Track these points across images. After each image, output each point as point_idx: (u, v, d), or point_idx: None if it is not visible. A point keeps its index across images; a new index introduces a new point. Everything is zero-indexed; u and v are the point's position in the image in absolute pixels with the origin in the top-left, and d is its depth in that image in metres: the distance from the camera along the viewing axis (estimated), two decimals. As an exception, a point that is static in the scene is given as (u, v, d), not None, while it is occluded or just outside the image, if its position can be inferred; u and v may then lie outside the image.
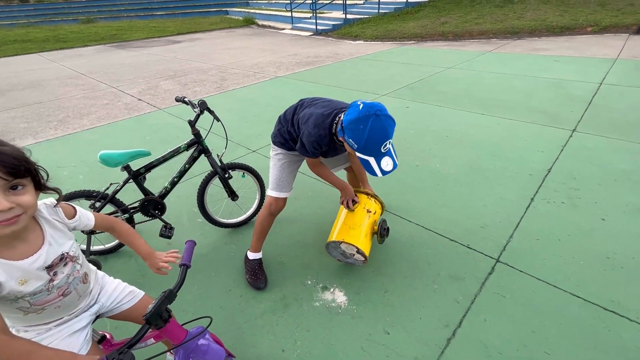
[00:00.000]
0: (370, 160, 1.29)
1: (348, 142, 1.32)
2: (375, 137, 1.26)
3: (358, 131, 1.26)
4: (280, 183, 1.70)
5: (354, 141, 1.29)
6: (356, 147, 1.29)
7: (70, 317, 0.96)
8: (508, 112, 3.72)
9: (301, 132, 1.49)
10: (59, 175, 2.92)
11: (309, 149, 1.48)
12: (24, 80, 6.85)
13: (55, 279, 0.88)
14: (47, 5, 22.51)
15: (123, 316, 1.09)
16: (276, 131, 1.72)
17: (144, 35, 13.25)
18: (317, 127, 1.43)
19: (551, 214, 2.11)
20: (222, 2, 22.78)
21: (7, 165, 0.72)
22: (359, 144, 1.28)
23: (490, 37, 8.70)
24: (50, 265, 0.86)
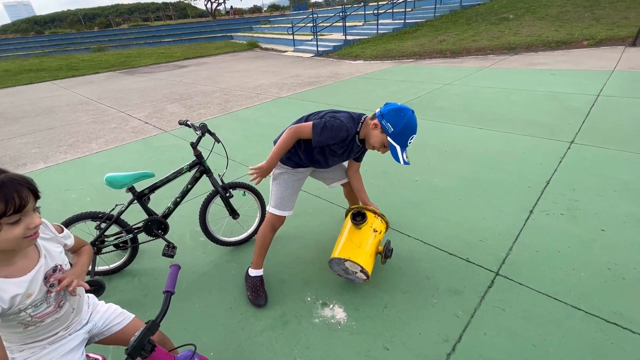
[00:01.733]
0: (397, 148, 1.43)
1: (385, 126, 1.43)
2: (410, 127, 1.42)
3: (399, 117, 1.41)
4: (283, 202, 1.72)
5: (392, 125, 1.42)
6: (391, 132, 1.42)
7: (65, 334, 1.00)
8: (506, 126, 3.77)
9: (329, 117, 1.49)
10: (67, 197, 3.00)
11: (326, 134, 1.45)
12: (37, 107, 7.14)
13: (52, 290, 0.94)
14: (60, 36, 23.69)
15: (113, 339, 1.12)
16: None
17: (151, 61, 13.79)
18: (350, 122, 1.51)
19: (550, 225, 2.11)
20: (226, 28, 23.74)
21: (34, 190, 0.85)
22: (395, 129, 1.41)
23: (487, 54, 8.89)
24: (45, 276, 0.93)
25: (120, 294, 1.84)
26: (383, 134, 1.45)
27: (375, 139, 1.48)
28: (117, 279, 1.95)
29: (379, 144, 1.48)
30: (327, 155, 1.64)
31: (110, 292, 1.86)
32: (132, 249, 1.98)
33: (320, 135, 1.47)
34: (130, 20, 38.13)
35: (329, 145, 1.54)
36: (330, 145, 1.54)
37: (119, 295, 1.82)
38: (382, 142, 1.47)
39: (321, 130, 1.46)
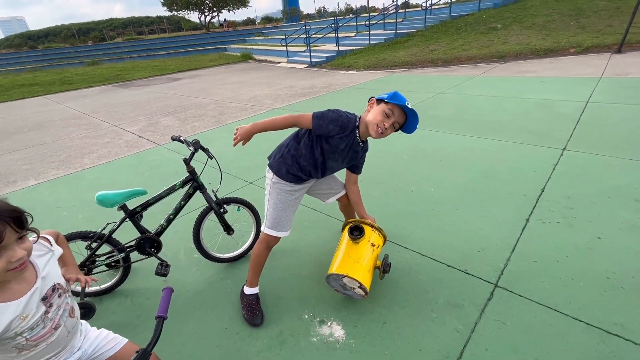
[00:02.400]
0: (397, 102, 1.47)
1: (379, 97, 1.52)
2: (399, 95, 1.50)
3: (387, 92, 1.52)
4: (280, 222, 1.65)
5: (385, 95, 1.51)
6: (387, 97, 1.49)
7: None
8: (499, 134, 3.80)
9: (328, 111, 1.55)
10: (59, 215, 2.95)
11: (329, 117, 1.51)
12: (29, 122, 7.08)
13: (50, 310, 0.91)
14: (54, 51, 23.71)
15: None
16: (278, 159, 1.65)
17: (146, 74, 13.82)
18: (349, 115, 1.56)
19: (547, 234, 2.10)
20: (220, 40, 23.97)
21: (16, 219, 0.80)
22: (389, 95, 1.49)
23: (478, 62, 9.05)
24: (45, 296, 0.90)
25: (112, 316, 1.78)
26: (380, 104, 1.49)
27: (375, 112, 1.49)
28: (108, 300, 1.90)
29: (381, 114, 1.47)
30: (328, 155, 1.59)
31: (101, 314, 1.80)
32: (124, 268, 1.93)
33: (320, 119, 1.50)
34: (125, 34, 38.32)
35: (330, 137, 1.53)
36: (331, 137, 1.53)
37: (111, 318, 1.77)
38: (382, 111, 1.47)
39: (321, 114, 1.51)
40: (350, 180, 1.84)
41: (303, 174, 1.65)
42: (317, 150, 1.59)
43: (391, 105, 1.45)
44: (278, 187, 1.66)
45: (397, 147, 3.69)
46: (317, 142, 1.58)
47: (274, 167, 1.67)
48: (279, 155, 1.67)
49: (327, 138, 1.54)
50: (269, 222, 1.67)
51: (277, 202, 1.66)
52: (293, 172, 1.64)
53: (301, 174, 1.65)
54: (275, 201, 1.66)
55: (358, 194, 1.87)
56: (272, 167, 1.69)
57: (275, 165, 1.66)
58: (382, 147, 3.70)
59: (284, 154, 1.66)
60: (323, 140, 1.56)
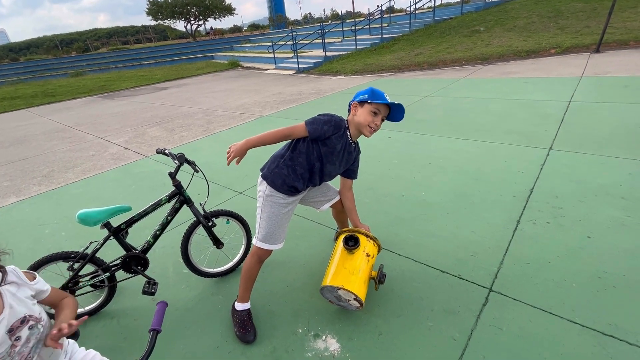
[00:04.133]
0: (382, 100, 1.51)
1: (359, 99, 1.55)
2: (377, 90, 1.55)
3: (362, 91, 1.57)
4: (273, 236, 1.60)
5: (362, 94, 1.55)
6: (367, 97, 1.52)
7: None
8: (486, 135, 3.84)
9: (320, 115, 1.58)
10: (41, 233, 2.84)
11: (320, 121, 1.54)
12: (10, 137, 6.88)
13: (18, 344, 0.85)
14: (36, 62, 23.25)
15: None
16: (273, 169, 1.60)
17: (132, 84, 13.64)
18: (339, 117, 1.60)
19: (538, 235, 2.11)
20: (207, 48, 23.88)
21: None
22: (368, 94, 1.53)
23: (462, 64, 9.20)
24: (11, 329, 0.84)
25: (97, 340, 1.71)
26: (364, 105, 1.54)
27: (362, 114, 1.54)
28: (93, 322, 1.82)
29: (370, 115, 1.52)
30: (326, 159, 1.57)
31: (85, 338, 1.72)
32: (110, 288, 1.85)
33: (313, 124, 1.53)
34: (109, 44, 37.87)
35: (327, 138, 1.55)
36: (328, 139, 1.55)
37: (96, 341, 1.69)
38: (369, 111, 1.52)
39: (313, 120, 1.54)
40: (345, 186, 1.83)
41: (300, 184, 1.61)
42: (314, 156, 1.58)
43: (375, 104, 1.52)
44: (271, 200, 1.62)
45: (387, 152, 3.70)
46: (313, 148, 1.57)
47: (268, 179, 1.62)
48: (274, 166, 1.63)
49: (324, 140, 1.55)
50: (261, 235, 1.62)
51: (271, 215, 1.61)
52: (289, 183, 1.59)
53: (298, 184, 1.61)
54: (268, 214, 1.61)
55: (353, 200, 1.85)
56: (266, 179, 1.63)
57: (270, 176, 1.62)
58: (373, 152, 3.70)
59: (279, 164, 1.62)
60: (320, 144, 1.56)
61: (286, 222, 1.66)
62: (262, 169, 1.69)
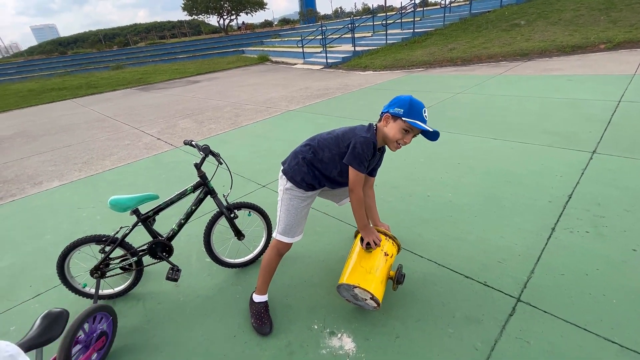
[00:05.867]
0: (418, 122, 1.42)
1: (394, 112, 1.46)
2: (416, 102, 1.45)
3: (401, 100, 1.46)
4: (292, 228, 1.63)
5: (399, 107, 1.45)
6: (402, 112, 1.43)
7: None
8: (521, 136, 3.62)
9: (352, 142, 1.50)
10: (79, 216, 3.03)
11: (363, 154, 1.48)
12: (56, 125, 7.39)
13: None
14: (82, 56, 24.77)
15: None
16: (293, 166, 1.62)
17: (166, 77, 14.19)
18: (368, 132, 1.53)
19: (575, 245, 1.96)
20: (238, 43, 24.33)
21: None
22: (404, 108, 1.43)
23: (499, 60, 8.73)
24: None
25: (124, 319, 1.80)
26: (397, 121, 1.46)
27: (393, 129, 1.47)
28: (120, 303, 1.92)
29: (400, 132, 1.46)
30: (345, 173, 1.56)
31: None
32: (137, 271, 1.94)
33: (361, 165, 1.50)
34: (147, 38, 39.60)
35: (372, 153, 1.54)
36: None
37: (122, 321, 1.78)
38: (400, 128, 1.45)
39: (359, 163, 1.49)
40: (366, 184, 1.79)
41: (317, 183, 1.64)
42: (336, 169, 1.58)
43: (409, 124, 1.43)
44: (290, 194, 1.64)
45: (414, 150, 3.58)
46: (336, 162, 1.56)
47: (288, 174, 1.64)
48: (294, 163, 1.63)
49: None
50: (280, 228, 1.65)
51: (290, 207, 1.63)
52: (308, 181, 1.61)
53: (315, 183, 1.63)
54: (287, 207, 1.64)
55: (373, 198, 1.84)
56: (286, 174, 1.65)
57: (290, 172, 1.63)
58: (399, 150, 3.60)
59: (299, 162, 1.62)
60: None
61: (305, 215, 1.67)
62: (284, 163, 1.69)
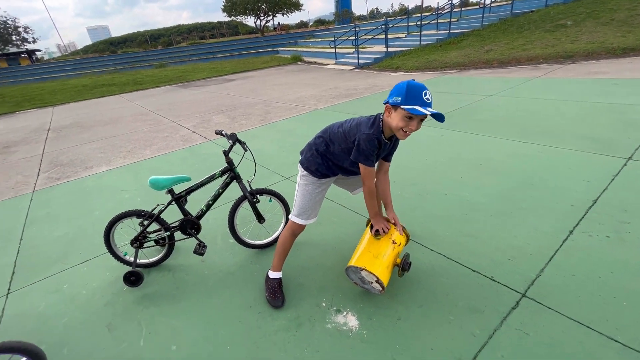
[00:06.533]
0: (416, 107, 1.36)
1: (393, 101, 1.42)
2: (414, 86, 1.38)
3: (399, 88, 1.41)
4: (306, 211, 1.76)
5: (397, 96, 1.40)
6: (400, 100, 1.38)
7: None
8: (552, 140, 3.52)
9: (356, 139, 1.55)
10: (122, 197, 3.38)
11: (368, 151, 1.52)
12: (106, 117, 8.10)
13: None
14: (130, 55, 26.61)
15: None
16: (308, 157, 1.75)
17: (204, 75, 14.94)
18: (371, 127, 1.54)
19: (592, 248, 1.93)
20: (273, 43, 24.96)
21: None
22: (401, 96, 1.38)
23: (539, 63, 8.35)
24: None
25: (156, 286, 2.04)
26: (397, 109, 1.42)
27: (395, 119, 1.44)
28: (155, 272, 2.16)
29: (402, 120, 1.42)
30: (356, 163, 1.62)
31: (147, 283, 2.06)
32: (169, 245, 2.18)
33: (367, 160, 1.55)
34: (189, 38, 41.68)
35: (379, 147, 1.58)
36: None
37: (154, 287, 2.02)
38: (402, 116, 1.41)
39: (365, 158, 1.54)
40: (381, 169, 1.80)
41: (331, 173, 1.77)
42: (347, 161, 1.66)
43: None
44: (306, 180, 1.79)
45: (436, 150, 3.60)
46: (347, 154, 1.62)
47: (304, 164, 1.79)
48: (310, 154, 1.76)
49: None
50: (296, 210, 1.80)
51: (305, 192, 1.78)
52: (322, 171, 1.74)
53: (329, 172, 1.76)
54: (302, 192, 1.78)
55: (387, 182, 1.83)
56: (302, 164, 1.80)
57: (306, 162, 1.77)
58: (421, 149, 3.64)
59: (313, 153, 1.74)
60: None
61: (319, 200, 1.80)
62: (301, 153, 1.84)
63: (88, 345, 1.67)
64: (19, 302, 2.05)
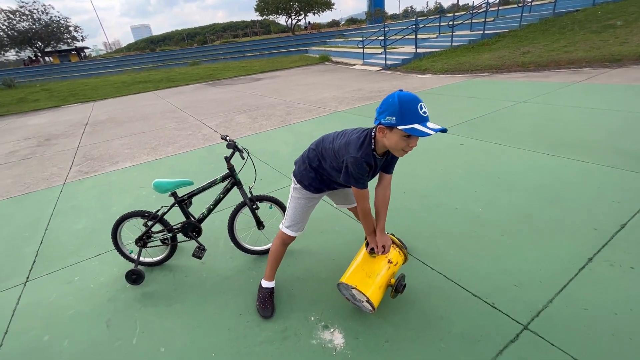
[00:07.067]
0: (415, 127, 1.23)
1: (386, 122, 1.28)
2: (406, 101, 1.24)
3: (389, 105, 1.27)
4: (297, 222, 1.76)
5: (390, 115, 1.26)
6: (395, 120, 1.25)
7: None
8: (583, 154, 3.24)
9: (344, 162, 1.45)
10: (139, 194, 3.53)
11: (357, 174, 1.43)
12: (138, 113, 8.52)
13: None
14: (167, 53, 27.82)
15: None
16: (302, 170, 1.71)
17: (233, 74, 15.32)
18: (359, 149, 1.42)
19: (612, 279, 1.76)
20: (303, 42, 25.10)
21: None
22: (396, 115, 1.24)
23: (582, 67, 7.75)
24: None
25: (156, 285, 2.10)
26: (393, 131, 1.29)
27: (393, 140, 1.31)
28: (156, 271, 2.24)
29: (402, 141, 1.29)
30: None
31: (149, 281, 2.14)
32: (172, 246, 2.25)
33: (358, 183, 1.47)
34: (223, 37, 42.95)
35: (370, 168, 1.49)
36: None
37: (154, 286, 2.09)
38: (400, 137, 1.29)
39: (356, 181, 1.46)
40: (381, 184, 1.62)
41: (326, 187, 1.74)
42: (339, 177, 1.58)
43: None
44: (299, 192, 1.76)
45: (453, 160, 3.44)
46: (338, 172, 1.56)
47: (297, 177, 1.75)
48: (303, 167, 1.72)
49: None
50: (287, 221, 1.79)
51: (297, 205, 1.76)
52: (315, 185, 1.70)
53: (323, 187, 1.73)
54: (295, 204, 1.77)
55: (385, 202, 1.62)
56: (295, 176, 1.76)
57: (299, 175, 1.74)
58: (437, 158, 3.50)
59: (307, 167, 1.70)
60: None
61: (308, 213, 1.79)
62: (295, 163, 1.81)
63: (86, 340, 1.75)
64: (34, 291, 2.20)
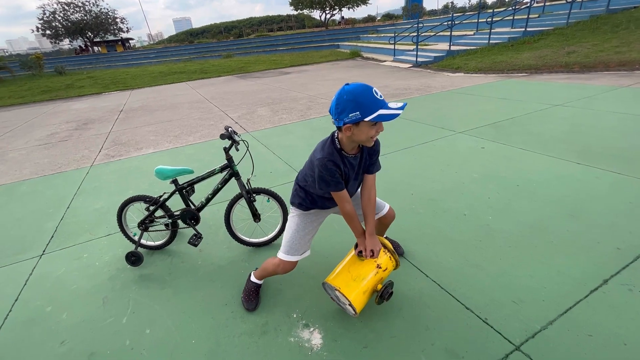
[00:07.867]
0: (380, 112, 1.23)
1: (351, 119, 1.25)
2: (361, 91, 1.23)
3: (345, 103, 1.24)
4: (293, 246, 1.63)
5: (352, 112, 1.23)
6: (360, 114, 1.23)
7: None
8: (619, 165, 2.95)
9: (315, 169, 1.42)
10: (155, 180, 3.67)
11: (326, 176, 1.39)
12: (168, 102, 8.88)
13: None
14: (203, 45, 28.76)
15: None
16: (293, 191, 1.69)
17: (263, 67, 15.53)
18: (322, 151, 1.40)
19: (628, 305, 1.58)
20: (335, 37, 24.93)
21: None
22: (358, 109, 1.23)
23: (634, 69, 7.06)
24: None
25: (153, 268, 2.18)
26: (360, 125, 1.27)
27: (363, 133, 1.29)
28: (156, 255, 2.31)
29: (371, 130, 1.29)
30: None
31: (147, 263, 2.22)
32: (172, 232, 2.31)
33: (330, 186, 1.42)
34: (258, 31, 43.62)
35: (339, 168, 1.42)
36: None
37: (151, 268, 2.16)
38: (368, 128, 1.28)
39: (327, 184, 1.42)
40: (365, 185, 1.57)
41: (316, 206, 1.64)
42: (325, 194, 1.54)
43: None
44: (293, 211, 1.70)
45: (471, 163, 3.26)
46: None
47: (291, 199, 1.71)
48: (294, 188, 1.68)
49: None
50: (283, 247, 1.65)
51: (291, 224, 1.66)
52: (306, 205, 1.63)
53: (313, 206, 1.64)
54: (289, 224, 1.67)
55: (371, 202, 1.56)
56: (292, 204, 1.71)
57: (291, 197, 1.70)
58: (454, 160, 3.33)
59: (297, 187, 1.65)
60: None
61: (308, 232, 1.66)
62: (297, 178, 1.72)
63: (82, 314, 1.85)
64: (47, 263, 2.36)
